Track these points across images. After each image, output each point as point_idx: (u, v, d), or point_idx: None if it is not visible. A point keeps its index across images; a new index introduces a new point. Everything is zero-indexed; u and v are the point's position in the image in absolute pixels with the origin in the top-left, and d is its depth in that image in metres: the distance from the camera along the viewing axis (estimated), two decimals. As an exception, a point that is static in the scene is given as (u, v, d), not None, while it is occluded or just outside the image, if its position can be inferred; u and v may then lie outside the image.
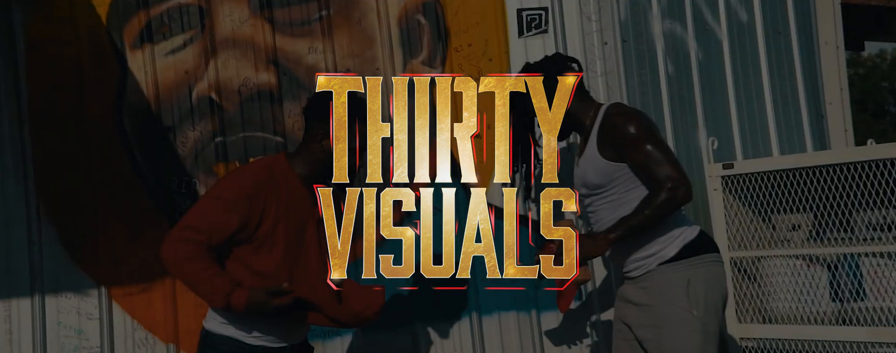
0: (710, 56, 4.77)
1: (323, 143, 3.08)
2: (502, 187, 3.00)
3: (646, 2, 4.56)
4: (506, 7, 4.30)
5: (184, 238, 2.95)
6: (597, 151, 3.28)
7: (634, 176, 3.26)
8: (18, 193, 4.24)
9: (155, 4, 4.22)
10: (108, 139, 4.21)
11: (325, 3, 4.25)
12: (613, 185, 3.27)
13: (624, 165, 3.25)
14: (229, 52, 4.22)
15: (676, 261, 3.26)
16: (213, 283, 2.94)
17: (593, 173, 3.30)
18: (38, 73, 4.24)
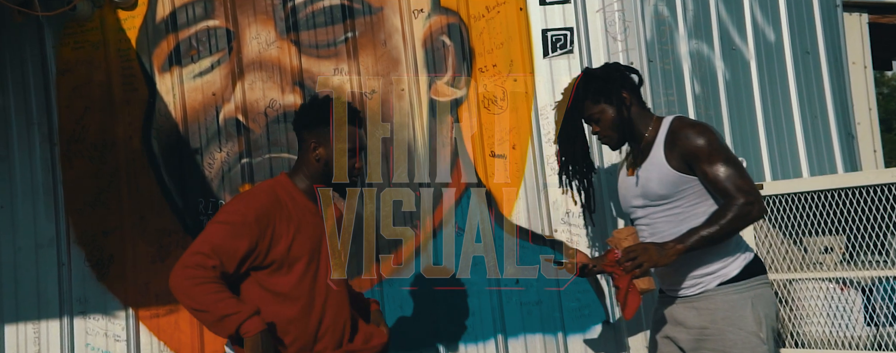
0: (737, 76, 4.74)
1: (317, 152, 3.07)
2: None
3: (672, 22, 4.55)
4: (531, 27, 4.30)
5: (193, 264, 2.85)
6: (665, 162, 3.20)
7: (702, 191, 3.19)
8: (49, 214, 4.31)
9: (183, 28, 4.28)
10: (137, 161, 4.25)
11: (350, 25, 4.28)
12: (679, 197, 3.20)
13: (694, 179, 3.18)
14: (256, 74, 4.26)
15: (738, 282, 3.19)
16: (224, 305, 2.81)
17: (659, 184, 3.21)
18: (69, 96, 4.31)
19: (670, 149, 3.19)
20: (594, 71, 3.40)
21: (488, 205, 4.22)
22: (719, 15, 4.71)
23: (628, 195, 3.35)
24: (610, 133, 3.29)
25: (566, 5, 4.33)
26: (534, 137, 4.25)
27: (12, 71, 4.34)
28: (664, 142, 3.22)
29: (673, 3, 4.54)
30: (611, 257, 3.07)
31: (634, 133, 3.29)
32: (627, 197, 3.35)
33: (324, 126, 3.06)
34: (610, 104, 3.25)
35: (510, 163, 4.28)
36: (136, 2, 4.26)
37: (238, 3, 4.27)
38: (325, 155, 3.05)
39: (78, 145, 4.29)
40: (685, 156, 3.16)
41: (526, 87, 4.26)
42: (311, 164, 3.10)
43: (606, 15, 4.41)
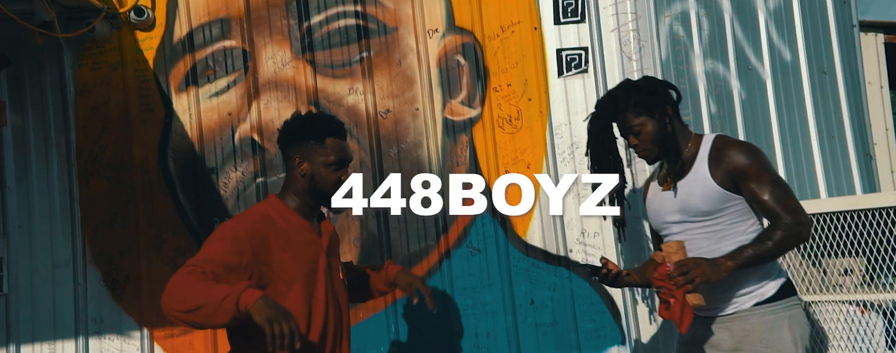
0: (753, 95, 4.72)
1: (302, 167, 3.01)
2: None
3: (687, 41, 4.55)
4: (545, 47, 4.31)
5: (187, 271, 2.73)
6: (710, 178, 3.14)
7: (745, 210, 3.14)
8: (66, 234, 4.33)
9: (200, 48, 4.32)
10: (152, 181, 4.28)
11: (365, 44, 4.30)
12: (721, 214, 3.14)
13: (739, 197, 3.13)
14: (271, 94, 4.28)
15: (773, 302, 3.13)
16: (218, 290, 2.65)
17: (702, 200, 3.14)
18: (87, 116, 4.35)
19: (715, 165, 3.14)
20: (636, 83, 3.32)
21: (503, 225, 4.22)
22: (735, 34, 4.71)
23: (662, 210, 3.29)
24: (650, 146, 3.21)
25: (581, 25, 4.34)
26: (548, 156, 4.24)
27: (32, 92, 4.38)
28: (708, 158, 3.17)
29: (688, 22, 4.55)
30: (662, 270, 3.00)
31: (674, 148, 3.23)
32: (661, 212, 3.29)
33: (306, 141, 3.00)
34: (652, 117, 3.19)
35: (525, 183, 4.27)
36: (154, 23, 4.31)
37: (254, 23, 4.30)
38: (310, 169, 2.99)
39: (95, 165, 4.32)
40: (732, 174, 3.12)
41: (540, 106, 4.27)
42: (297, 180, 3.03)
43: (621, 34, 4.41)
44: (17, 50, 4.31)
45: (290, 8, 4.32)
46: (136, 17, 4.27)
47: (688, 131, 3.29)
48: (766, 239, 3.03)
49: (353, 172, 3.11)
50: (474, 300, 4.20)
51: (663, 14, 4.52)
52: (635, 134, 3.21)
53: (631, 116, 3.20)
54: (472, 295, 4.21)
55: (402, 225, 4.24)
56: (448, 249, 4.24)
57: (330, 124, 3.04)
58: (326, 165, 2.98)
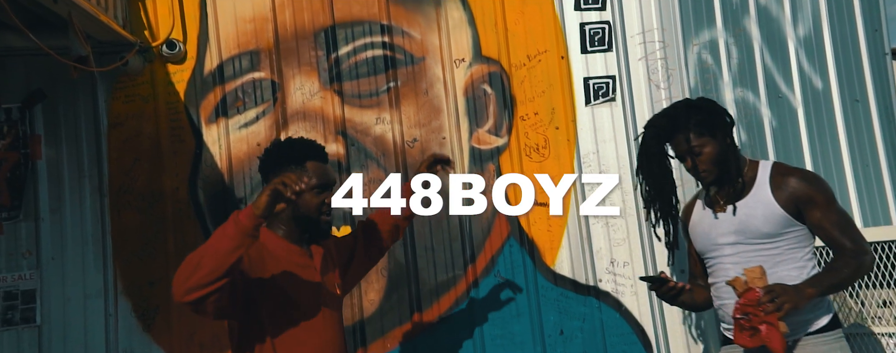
0: (784, 124, 4.68)
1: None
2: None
3: (716, 69, 4.52)
4: (572, 75, 4.31)
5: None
6: (774, 201, 3.12)
7: (805, 236, 3.13)
8: (97, 265, 4.37)
9: (230, 80, 4.37)
10: (183, 211, 4.31)
11: (393, 74, 4.34)
12: (781, 239, 3.12)
13: (801, 225, 3.12)
14: (299, 124, 4.32)
15: (826, 332, 3.09)
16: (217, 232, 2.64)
17: (764, 222, 3.12)
18: (119, 148, 4.40)
19: (778, 190, 3.13)
20: (696, 103, 3.30)
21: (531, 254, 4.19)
22: (764, 62, 4.68)
23: (713, 232, 3.24)
24: (710, 168, 3.17)
25: (608, 54, 4.34)
26: (577, 185, 4.21)
27: (66, 125, 4.45)
28: (770, 183, 3.15)
29: (717, 50, 4.53)
30: (751, 296, 2.95)
31: (736, 169, 3.19)
32: (711, 234, 3.24)
33: (286, 166, 2.96)
34: (713, 138, 3.16)
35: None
36: (185, 56, 4.38)
37: (283, 55, 4.36)
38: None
39: (127, 196, 4.37)
40: (798, 200, 3.10)
41: (568, 134, 4.25)
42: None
43: (649, 63, 4.41)
44: (52, 84, 4.40)
45: (319, 39, 4.37)
46: (168, 50, 4.34)
47: (743, 156, 3.26)
48: (841, 268, 3.01)
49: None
50: (503, 330, 4.16)
51: (691, 42, 4.51)
52: (696, 155, 3.16)
53: (693, 136, 3.15)
54: (500, 325, 4.17)
55: (430, 254, 4.23)
56: (476, 278, 4.21)
57: (309, 148, 3.02)
58: (309, 189, 2.90)
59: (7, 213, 4.40)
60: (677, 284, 3.20)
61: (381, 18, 4.37)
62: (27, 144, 4.42)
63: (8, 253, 4.37)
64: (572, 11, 4.37)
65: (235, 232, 2.59)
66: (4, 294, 4.37)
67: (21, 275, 4.38)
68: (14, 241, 4.37)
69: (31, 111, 4.44)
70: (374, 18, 4.37)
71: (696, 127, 3.16)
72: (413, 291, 4.22)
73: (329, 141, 4.28)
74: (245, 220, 2.60)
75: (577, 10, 4.37)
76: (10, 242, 4.37)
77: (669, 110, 3.28)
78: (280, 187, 2.60)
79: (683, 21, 4.51)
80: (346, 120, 4.30)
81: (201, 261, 2.59)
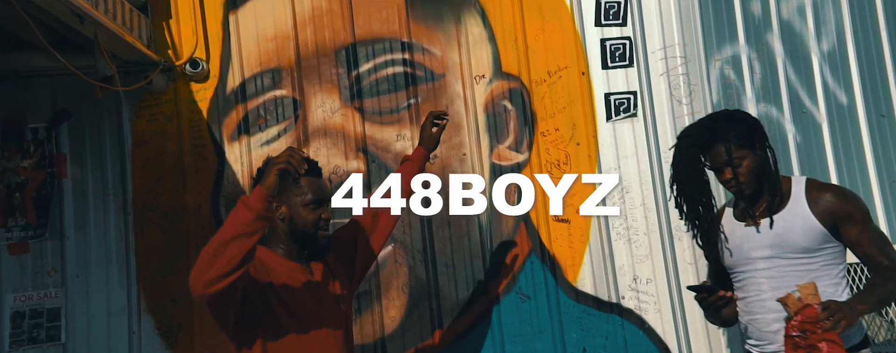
0: (809, 139, 4.63)
1: (280, 211, 2.95)
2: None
3: (739, 84, 4.50)
4: (593, 91, 4.30)
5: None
6: (812, 215, 3.07)
7: (840, 254, 3.08)
8: (121, 283, 4.39)
9: (252, 98, 4.41)
10: (205, 228, 4.33)
11: (413, 91, 4.35)
12: (818, 254, 3.07)
13: (836, 242, 3.07)
14: (321, 141, 4.33)
15: (859, 350, 3.04)
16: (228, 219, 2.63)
17: (803, 236, 3.06)
18: (143, 166, 4.44)
19: (815, 205, 3.08)
20: (736, 114, 3.23)
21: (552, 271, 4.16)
22: (788, 77, 4.64)
23: (745, 246, 3.18)
24: (749, 180, 3.11)
25: (629, 69, 4.33)
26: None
27: (91, 144, 4.50)
28: (806, 197, 3.11)
29: (739, 65, 4.51)
30: (808, 312, 2.91)
31: (775, 183, 3.14)
32: (743, 248, 3.18)
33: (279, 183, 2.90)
34: (753, 151, 3.11)
35: (574, 228, 4.22)
36: (208, 74, 4.42)
37: (304, 72, 4.39)
38: (289, 212, 2.94)
39: (150, 214, 4.40)
40: (835, 216, 3.06)
41: (589, 150, 4.24)
42: (278, 226, 2.98)
43: (671, 78, 4.39)
44: (77, 104, 4.45)
45: (340, 57, 4.40)
46: (192, 69, 4.38)
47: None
48: (884, 284, 2.96)
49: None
50: (525, 348, 4.13)
51: (713, 58, 4.49)
52: (735, 166, 3.10)
53: (734, 147, 3.10)
54: (522, 343, 4.14)
55: (451, 271, 4.22)
56: (497, 295, 4.19)
57: (315, 167, 3.00)
58: (304, 204, 2.92)
59: (33, 231, 4.44)
60: (726, 293, 3.15)
61: (402, 36, 4.40)
62: (53, 162, 4.47)
63: (34, 271, 4.41)
64: (593, 27, 4.37)
65: (249, 216, 2.58)
66: (30, 312, 4.40)
67: (46, 293, 4.42)
68: (40, 259, 4.41)
69: (56, 130, 4.49)
70: (395, 36, 4.39)
71: (736, 138, 3.10)
72: (434, 308, 4.20)
73: (350, 158, 4.30)
74: (256, 202, 2.60)
75: (598, 26, 4.37)
76: (36, 260, 4.41)
77: (707, 121, 3.22)
78: (285, 165, 2.60)
79: (705, 36, 4.50)
80: (366, 137, 4.31)
81: (217, 251, 2.57)
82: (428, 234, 4.26)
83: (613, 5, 4.42)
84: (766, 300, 3.06)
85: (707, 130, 3.15)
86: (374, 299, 4.23)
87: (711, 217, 3.27)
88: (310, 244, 2.98)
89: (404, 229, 4.28)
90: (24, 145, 4.49)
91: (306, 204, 2.93)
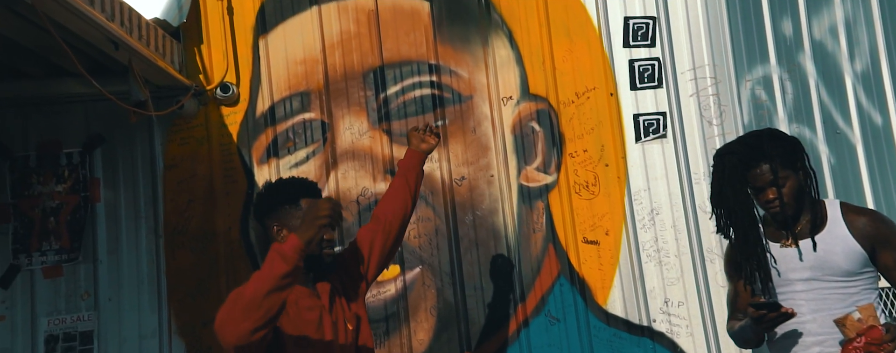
0: (843, 161, 4.56)
1: (281, 234, 2.91)
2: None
3: (770, 105, 4.45)
4: (622, 112, 4.28)
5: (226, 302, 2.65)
6: (852, 238, 3.03)
7: (876, 278, 3.06)
8: (152, 306, 4.42)
9: (281, 121, 4.44)
10: (234, 251, 4.35)
11: (440, 113, 4.37)
12: (859, 278, 3.03)
13: (873, 266, 3.05)
14: (349, 164, 4.35)
15: None
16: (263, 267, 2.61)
17: (845, 259, 3.02)
18: (174, 190, 4.48)
19: (853, 228, 3.04)
20: (780, 134, 3.19)
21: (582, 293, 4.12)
22: (821, 98, 4.59)
23: (783, 267, 3.12)
24: (792, 201, 3.06)
25: (658, 90, 4.31)
26: (628, 222, 4.15)
27: (123, 168, 4.56)
28: (842, 221, 3.07)
29: (771, 86, 4.47)
30: (874, 334, 2.87)
31: (809, 206, 3.10)
32: (781, 269, 3.12)
33: (281, 206, 2.92)
34: (795, 172, 3.07)
35: (604, 250, 4.19)
36: (238, 98, 4.47)
37: (333, 95, 4.42)
38: (291, 234, 2.82)
39: (180, 237, 4.43)
40: (874, 240, 3.03)
41: (618, 172, 4.21)
42: None
43: (701, 99, 4.36)
44: (110, 128, 4.51)
45: (368, 80, 4.43)
46: (222, 93, 4.43)
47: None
48: None
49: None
50: (554, 372, 4.09)
51: (744, 78, 4.45)
52: (779, 186, 3.04)
53: (779, 166, 3.04)
54: (552, 366, 4.10)
55: (479, 293, 4.19)
56: (526, 317, 4.15)
57: (301, 186, 2.99)
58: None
59: (67, 255, 4.49)
60: (789, 310, 3.08)
61: (429, 58, 4.42)
62: (87, 187, 4.53)
63: (68, 295, 4.45)
64: (621, 48, 4.37)
65: (285, 268, 2.57)
66: (64, 335, 4.44)
67: (79, 316, 4.46)
68: (73, 282, 4.45)
69: (90, 155, 4.56)
70: (422, 58, 4.42)
71: (781, 158, 3.06)
72: (462, 331, 4.17)
73: (378, 180, 4.31)
74: (292, 254, 2.57)
75: (626, 47, 4.36)
76: (70, 283, 4.46)
77: (750, 139, 3.15)
78: (327, 219, 2.59)
79: (736, 57, 4.47)
80: (394, 159, 4.32)
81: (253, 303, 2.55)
82: (456, 256, 4.24)
83: (642, 26, 4.41)
84: (806, 322, 2.99)
85: (751, 149, 3.09)
86: (402, 321, 4.22)
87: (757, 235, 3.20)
88: (315, 265, 2.93)
89: (432, 251, 4.27)
90: (58, 170, 4.55)
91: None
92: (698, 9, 4.47)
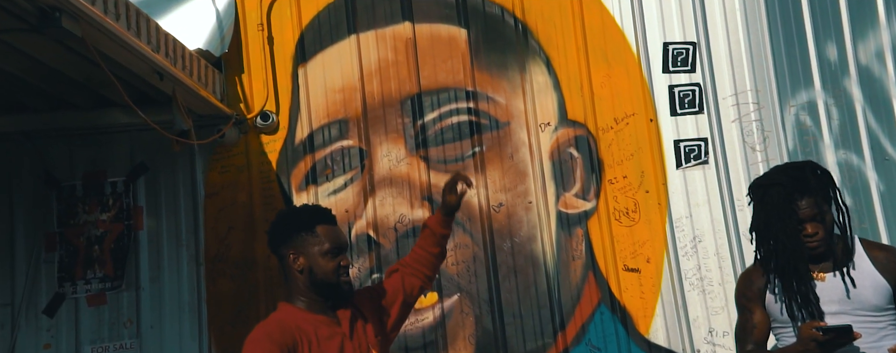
0: (892, 187, 4.44)
1: (298, 263, 2.87)
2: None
3: (816, 131, 4.37)
4: (662, 138, 4.24)
5: None
6: (879, 274, 3.02)
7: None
8: (193, 332, 4.44)
9: (320, 148, 4.47)
10: (274, 278, 4.36)
11: (478, 139, 4.36)
12: (887, 313, 3.01)
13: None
14: (386, 191, 4.36)
15: None
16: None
17: (874, 293, 3.00)
18: (215, 217, 4.52)
19: (877, 263, 3.03)
20: (822, 169, 3.14)
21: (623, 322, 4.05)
22: (868, 123, 4.49)
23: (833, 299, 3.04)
24: (826, 238, 3.01)
25: (699, 115, 4.26)
26: (669, 250, 4.09)
27: (166, 196, 4.62)
28: (868, 257, 3.05)
29: (816, 111, 4.39)
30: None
31: (848, 241, 3.07)
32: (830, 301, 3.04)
33: (296, 234, 2.87)
34: (830, 207, 3.03)
35: (645, 277, 4.12)
36: (278, 126, 4.51)
37: (371, 122, 4.44)
38: (307, 263, 2.85)
39: (221, 265, 4.46)
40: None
41: (658, 198, 4.15)
42: (297, 279, 2.88)
43: (743, 125, 4.30)
44: (153, 157, 4.58)
45: (405, 107, 4.44)
46: (262, 121, 4.48)
47: None
48: None
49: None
50: (595, 403, 4.01)
51: (788, 104, 4.38)
52: (820, 221, 2.99)
53: (822, 200, 3.01)
54: (592, 397, 4.02)
55: (518, 321, 4.14)
56: (566, 347, 4.09)
57: (316, 213, 2.95)
58: (322, 254, 2.83)
59: (111, 283, 4.55)
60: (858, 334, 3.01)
61: (467, 85, 4.43)
62: (130, 215, 4.59)
63: (111, 322, 4.50)
64: (660, 74, 4.34)
65: None
66: (107, 363, 4.49)
67: (122, 344, 4.50)
68: (116, 310, 4.50)
69: (134, 184, 4.62)
70: (460, 85, 4.43)
71: (823, 193, 3.03)
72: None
73: (415, 206, 4.30)
74: None
75: (666, 73, 4.32)
76: (113, 311, 4.50)
77: (793, 171, 3.10)
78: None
79: (779, 82, 4.40)
80: (431, 185, 4.32)
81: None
82: (494, 283, 4.21)
83: (681, 52, 4.37)
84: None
85: (797, 182, 3.04)
86: (441, 349, 4.18)
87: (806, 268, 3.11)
88: (332, 293, 2.89)
89: (470, 278, 4.24)
90: (103, 199, 4.63)
91: (324, 253, 2.84)
92: (740, 33, 4.42)
